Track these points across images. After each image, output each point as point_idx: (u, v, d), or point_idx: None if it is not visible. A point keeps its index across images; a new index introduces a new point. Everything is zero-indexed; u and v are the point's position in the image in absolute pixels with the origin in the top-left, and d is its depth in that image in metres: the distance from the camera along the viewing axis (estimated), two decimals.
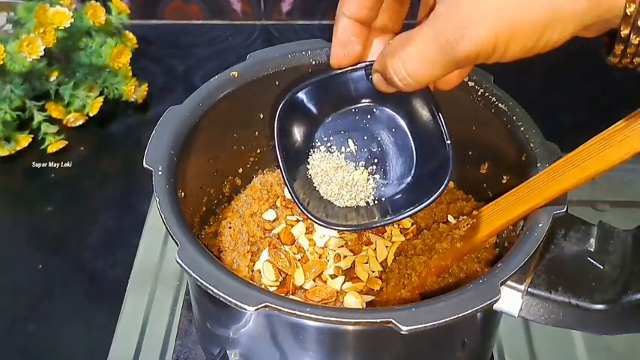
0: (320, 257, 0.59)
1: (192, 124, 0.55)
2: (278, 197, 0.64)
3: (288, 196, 0.64)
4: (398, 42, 0.41)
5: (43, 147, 0.83)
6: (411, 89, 0.42)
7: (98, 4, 0.86)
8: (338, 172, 0.53)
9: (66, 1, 0.85)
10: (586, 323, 0.47)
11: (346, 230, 0.57)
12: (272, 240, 0.60)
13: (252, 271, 0.58)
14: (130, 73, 0.88)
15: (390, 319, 0.41)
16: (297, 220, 0.62)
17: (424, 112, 0.50)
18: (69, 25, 0.81)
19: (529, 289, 0.46)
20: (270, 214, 0.62)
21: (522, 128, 0.54)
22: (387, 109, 0.52)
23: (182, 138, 0.54)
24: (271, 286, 0.57)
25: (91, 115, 0.86)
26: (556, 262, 0.48)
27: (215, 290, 0.43)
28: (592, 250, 0.48)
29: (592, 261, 0.47)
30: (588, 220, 0.50)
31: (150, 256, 0.72)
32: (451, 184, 0.63)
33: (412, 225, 0.61)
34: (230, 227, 0.60)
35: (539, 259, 0.48)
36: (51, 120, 0.84)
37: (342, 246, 0.59)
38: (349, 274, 0.58)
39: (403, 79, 0.42)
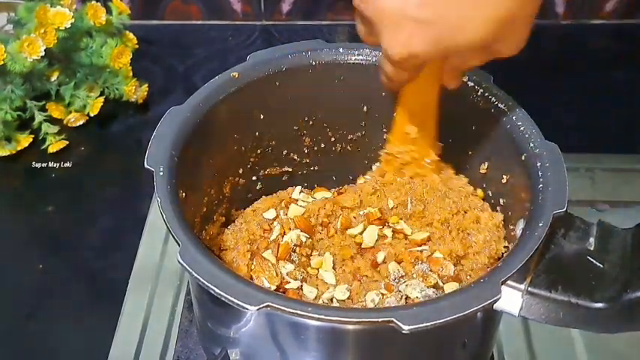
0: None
1: (192, 125, 0.55)
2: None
3: (295, 196, 0.64)
4: None
5: (43, 147, 0.83)
6: None
7: (99, 4, 0.87)
8: None
9: (66, 1, 0.85)
10: (586, 322, 0.47)
11: None
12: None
13: (252, 269, 0.58)
14: (131, 74, 0.88)
15: (392, 319, 0.42)
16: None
17: None
18: (69, 26, 0.81)
19: (529, 289, 0.46)
20: (270, 213, 0.62)
21: (522, 128, 0.54)
22: None
23: (183, 138, 0.54)
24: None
25: (92, 115, 0.86)
26: (556, 262, 0.48)
27: (217, 290, 0.43)
28: (592, 248, 0.48)
29: (592, 260, 0.48)
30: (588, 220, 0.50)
31: (150, 256, 0.72)
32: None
33: None
34: (230, 227, 0.60)
35: (538, 258, 0.48)
36: (52, 120, 0.84)
37: None
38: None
39: None
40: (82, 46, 0.86)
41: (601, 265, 0.47)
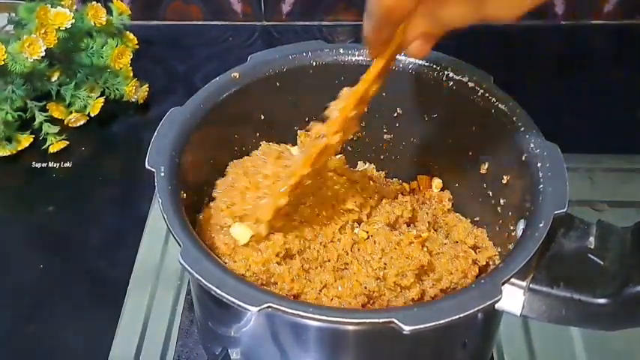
0: None
1: (193, 125, 0.55)
2: None
3: None
4: None
5: (44, 147, 0.83)
6: None
7: (99, 4, 0.87)
8: None
9: (67, 1, 0.85)
10: (588, 319, 0.47)
11: None
12: None
13: None
14: (131, 74, 0.88)
15: (393, 320, 0.42)
16: None
17: None
18: (70, 26, 0.81)
19: (531, 286, 0.46)
20: None
21: (522, 128, 0.55)
22: None
23: (183, 139, 0.54)
24: None
25: (92, 115, 0.86)
26: (557, 260, 0.48)
27: (218, 291, 0.43)
28: (592, 247, 0.48)
29: (592, 257, 0.48)
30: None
31: (151, 256, 0.72)
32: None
33: None
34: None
35: (539, 257, 0.48)
36: (52, 120, 0.84)
37: None
38: None
39: None
40: (82, 47, 0.86)
41: (601, 262, 0.47)
